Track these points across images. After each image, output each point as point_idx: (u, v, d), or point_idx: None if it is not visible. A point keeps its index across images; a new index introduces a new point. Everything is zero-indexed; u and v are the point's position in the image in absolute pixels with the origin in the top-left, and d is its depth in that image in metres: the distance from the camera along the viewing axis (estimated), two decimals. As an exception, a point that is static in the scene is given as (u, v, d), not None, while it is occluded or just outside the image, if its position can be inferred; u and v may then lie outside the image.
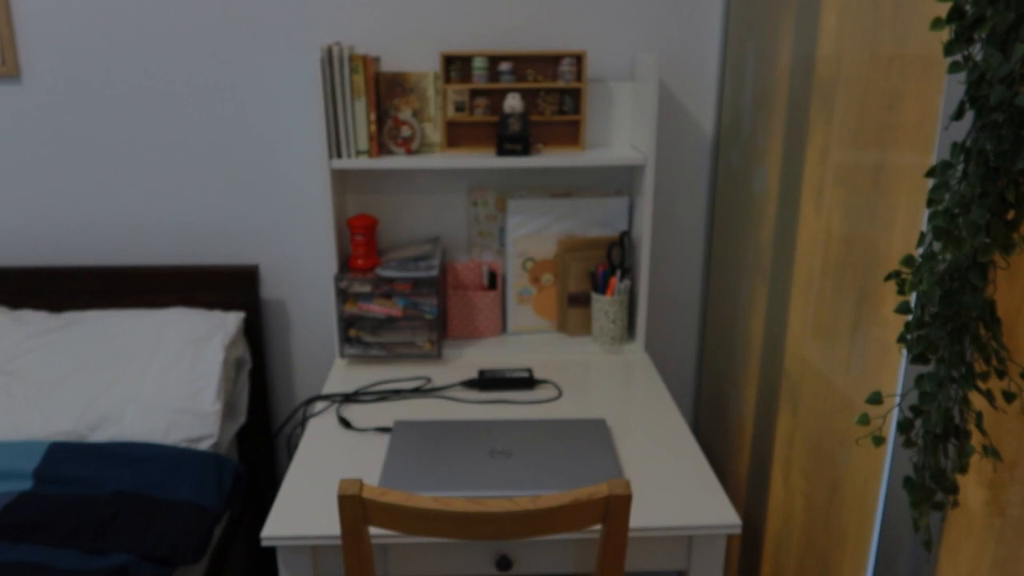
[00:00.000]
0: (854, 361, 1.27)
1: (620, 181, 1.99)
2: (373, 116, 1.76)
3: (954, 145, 0.85)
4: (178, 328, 1.83)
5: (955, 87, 0.96)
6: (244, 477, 1.70)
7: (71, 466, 1.55)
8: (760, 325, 1.69)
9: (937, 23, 0.84)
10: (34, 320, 1.88)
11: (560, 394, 1.71)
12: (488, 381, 1.73)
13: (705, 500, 1.34)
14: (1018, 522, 0.92)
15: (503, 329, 2.01)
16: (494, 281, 1.98)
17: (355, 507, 1.10)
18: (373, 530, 1.24)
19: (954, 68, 0.84)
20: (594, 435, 1.50)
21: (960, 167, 0.85)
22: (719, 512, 1.31)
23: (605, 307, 1.88)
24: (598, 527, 1.18)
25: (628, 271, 1.92)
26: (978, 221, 0.81)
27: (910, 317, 0.93)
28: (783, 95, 1.57)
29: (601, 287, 1.89)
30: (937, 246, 0.88)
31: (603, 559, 1.17)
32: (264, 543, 1.26)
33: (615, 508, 1.11)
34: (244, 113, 1.92)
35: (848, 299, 1.29)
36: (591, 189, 1.98)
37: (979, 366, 0.89)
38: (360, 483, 1.10)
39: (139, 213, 1.98)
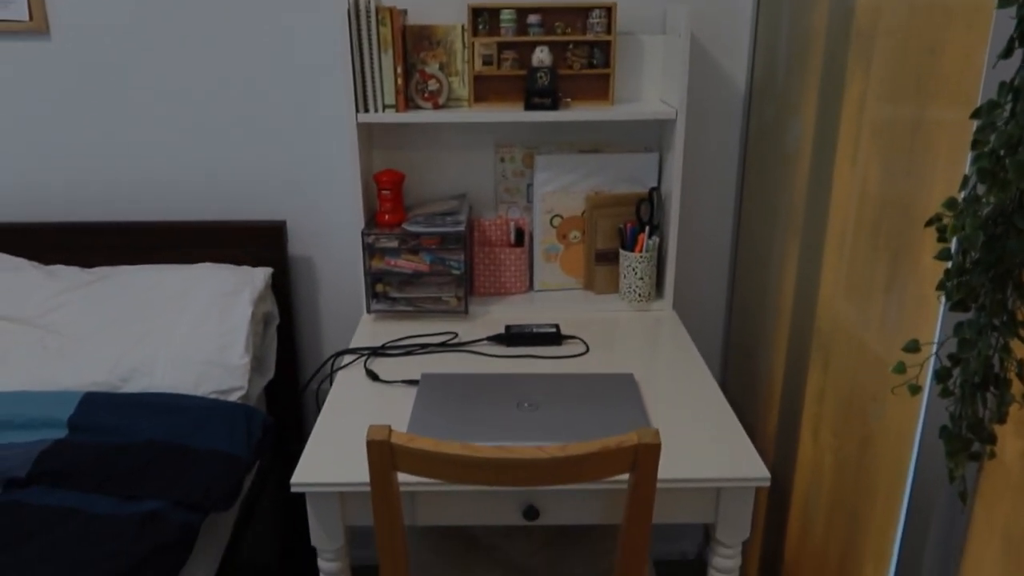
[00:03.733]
0: (888, 318, 1.25)
1: (649, 136, 1.96)
2: (400, 70, 1.74)
3: (1002, 84, 0.82)
4: (207, 283, 1.85)
5: (1004, 25, 0.92)
6: (273, 428, 1.72)
7: (104, 415, 1.58)
8: (791, 282, 1.67)
9: (989, -45, 0.80)
10: (66, 275, 1.90)
11: (587, 350, 1.71)
12: (515, 336, 1.73)
13: (733, 453, 1.33)
14: (1056, 474, 0.90)
15: (530, 286, 2.00)
16: (521, 238, 1.97)
17: (383, 452, 1.10)
18: (401, 477, 1.25)
19: (1004, 3, 0.80)
20: (622, 389, 1.50)
21: (1008, 107, 0.82)
22: (748, 465, 1.30)
23: (633, 264, 1.86)
24: (625, 477, 1.18)
25: (657, 228, 1.90)
26: (1026, 162, 0.79)
27: (950, 264, 0.91)
28: (819, 46, 1.53)
29: (629, 244, 1.88)
30: (981, 189, 0.86)
31: (631, 510, 1.17)
32: (293, 489, 1.28)
33: (644, 457, 1.11)
34: (272, 68, 1.91)
35: (883, 256, 1.27)
36: (620, 144, 1.96)
37: (1021, 314, 0.87)
38: (388, 429, 1.11)
39: (169, 170, 1.99)
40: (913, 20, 1.17)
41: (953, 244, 0.91)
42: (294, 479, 1.28)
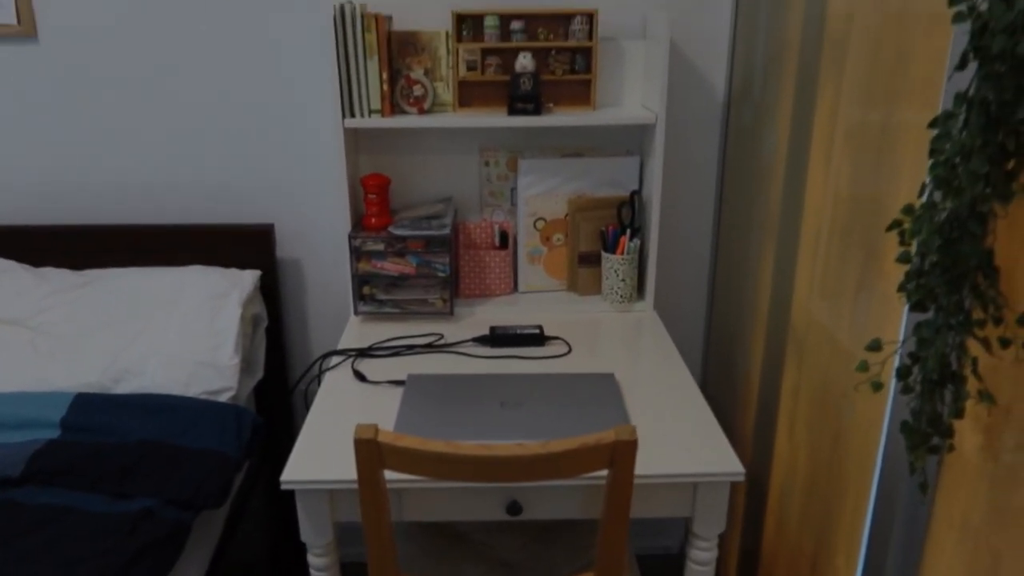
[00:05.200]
0: (857, 316, 1.30)
1: (631, 141, 2.00)
2: (386, 75, 1.78)
3: (957, 95, 0.87)
4: (197, 285, 1.87)
5: (960, 39, 0.97)
6: (262, 428, 1.75)
7: (96, 415, 1.60)
8: (768, 283, 1.72)
9: (942, -26, 0.85)
10: (56, 277, 1.93)
11: (570, 350, 1.75)
12: (499, 337, 1.77)
13: (710, 449, 1.38)
14: (1011, 467, 0.95)
15: (514, 288, 2.04)
16: (505, 240, 2.01)
17: (371, 450, 1.14)
18: (388, 475, 1.29)
19: (958, 18, 0.85)
20: (603, 388, 1.54)
21: (962, 117, 0.86)
22: (723, 460, 1.35)
23: (615, 266, 1.91)
24: (605, 473, 1.22)
25: (638, 230, 1.94)
26: (978, 170, 0.83)
27: (910, 266, 0.95)
28: (794, 53, 1.57)
29: (611, 246, 1.92)
30: (938, 195, 0.90)
31: (609, 504, 1.21)
32: (283, 487, 1.31)
33: (621, 453, 1.15)
34: (260, 73, 1.94)
35: (854, 256, 1.31)
36: (602, 149, 2.00)
37: (976, 314, 0.91)
38: (375, 428, 1.14)
39: (158, 173, 2.01)
40: (882, 28, 1.22)
41: (913, 247, 0.95)
42: (284, 477, 1.32)
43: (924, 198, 0.92)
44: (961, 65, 0.86)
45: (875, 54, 1.24)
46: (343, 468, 1.32)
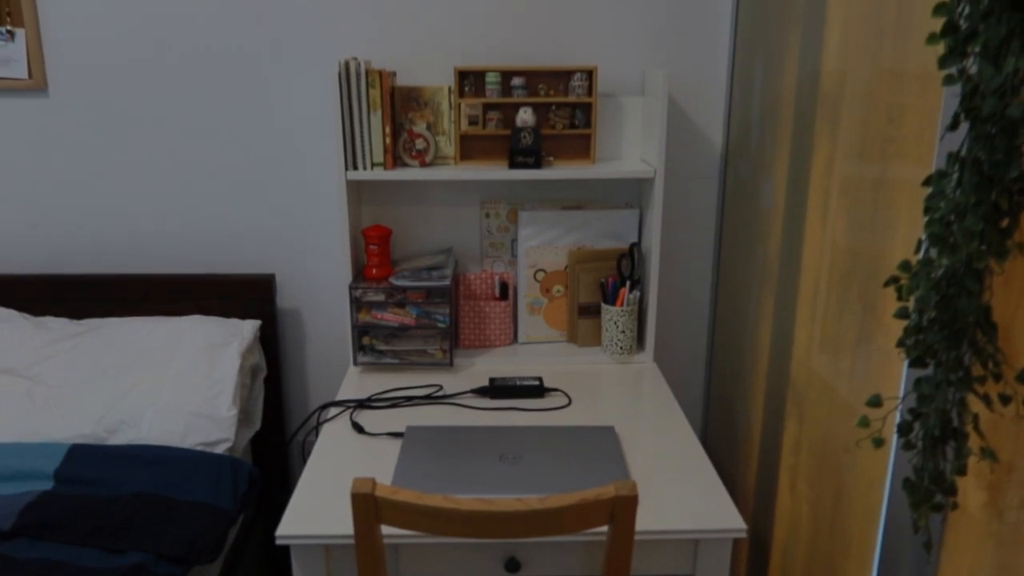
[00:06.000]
0: (858, 370, 1.30)
1: (630, 194, 2.02)
2: (388, 129, 1.80)
3: (949, 155, 0.88)
4: (195, 335, 1.88)
5: (951, 100, 0.99)
6: (258, 480, 1.73)
7: (91, 467, 1.59)
8: (767, 336, 1.72)
9: (932, 38, 0.87)
10: (55, 326, 1.93)
11: (570, 402, 1.74)
12: (499, 389, 1.76)
13: (711, 505, 1.36)
14: (1016, 526, 0.94)
15: (514, 339, 2.04)
16: (505, 291, 2.02)
17: (368, 505, 1.13)
18: (385, 531, 1.27)
19: (948, 81, 0.87)
20: (603, 442, 1.53)
21: (955, 176, 0.88)
22: (725, 517, 1.33)
23: (615, 318, 1.91)
24: (605, 529, 1.20)
25: (638, 282, 1.95)
26: (972, 228, 0.84)
27: (909, 322, 0.95)
28: (789, 109, 1.60)
29: (611, 298, 1.92)
30: (934, 252, 0.91)
31: (609, 561, 1.19)
32: (279, 542, 1.29)
33: (621, 509, 1.14)
34: (263, 126, 1.97)
35: (852, 309, 1.32)
36: (601, 201, 2.02)
37: (976, 370, 0.91)
38: (373, 481, 1.13)
39: (159, 223, 2.03)
40: (874, 85, 1.24)
41: (910, 303, 0.96)
42: (279, 531, 1.30)
43: (920, 254, 0.93)
44: (953, 126, 0.87)
45: (869, 111, 1.27)
46: (340, 523, 1.31)
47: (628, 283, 1.91)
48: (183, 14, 1.89)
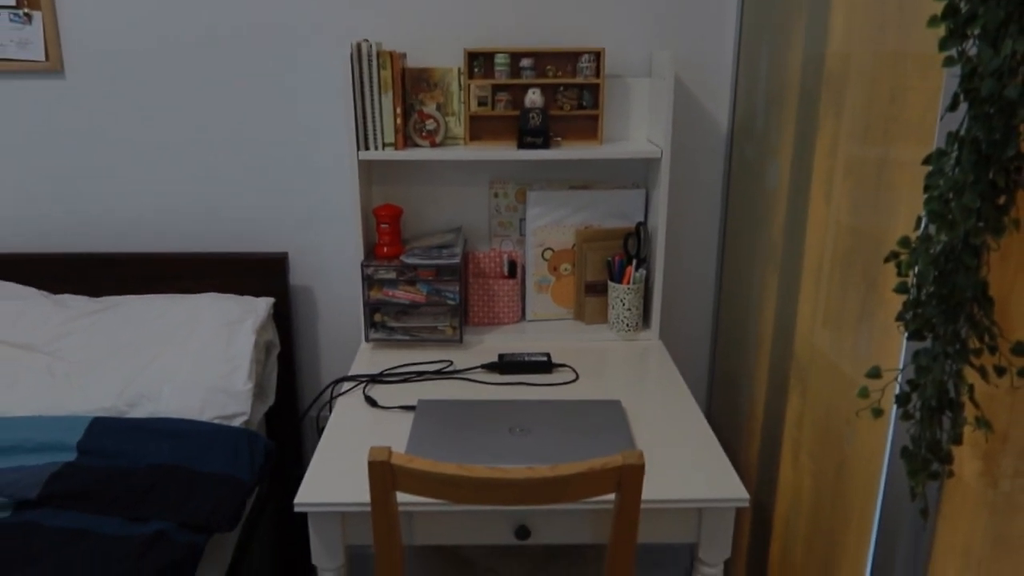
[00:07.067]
0: (860, 345, 1.33)
1: (637, 174, 2.05)
2: (399, 110, 1.83)
3: (949, 134, 0.91)
4: (211, 312, 1.92)
5: (952, 81, 1.02)
6: (274, 453, 1.78)
7: (112, 439, 1.63)
8: (771, 313, 1.75)
9: (933, 20, 0.90)
10: (74, 304, 1.97)
11: (577, 377, 1.78)
12: (508, 364, 1.80)
13: (715, 475, 1.40)
14: (1010, 494, 0.98)
15: (522, 316, 2.08)
16: (514, 270, 2.05)
17: (384, 472, 1.17)
18: (399, 497, 1.32)
19: (948, 63, 0.89)
20: (609, 415, 1.57)
21: (954, 155, 0.91)
22: (728, 486, 1.37)
23: (621, 295, 1.94)
24: (612, 497, 1.25)
25: (644, 261, 1.99)
26: (970, 205, 0.87)
27: (908, 296, 0.99)
28: (794, 91, 1.63)
29: (617, 276, 1.96)
30: (933, 229, 0.94)
31: (617, 529, 1.24)
32: (297, 509, 1.34)
33: (628, 478, 1.18)
34: (277, 107, 2.00)
35: (855, 287, 1.35)
36: (608, 181, 2.05)
37: (972, 343, 0.95)
38: (389, 450, 1.17)
39: (175, 203, 2.07)
40: (878, 67, 1.27)
41: (910, 278, 0.99)
42: (297, 499, 1.34)
43: (920, 231, 0.96)
44: (952, 106, 0.90)
45: (872, 93, 1.29)
46: (355, 491, 1.35)
47: (634, 262, 1.94)
48: (196, -5, 1.92)
